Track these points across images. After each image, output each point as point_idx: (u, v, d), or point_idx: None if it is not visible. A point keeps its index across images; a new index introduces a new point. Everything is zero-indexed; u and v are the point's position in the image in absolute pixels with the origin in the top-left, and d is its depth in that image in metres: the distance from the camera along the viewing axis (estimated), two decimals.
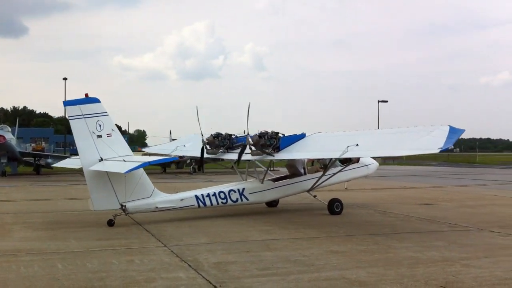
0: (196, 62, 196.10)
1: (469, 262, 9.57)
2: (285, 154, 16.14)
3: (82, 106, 14.11)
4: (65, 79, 66.54)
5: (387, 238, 12.13)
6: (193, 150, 18.68)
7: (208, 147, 17.40)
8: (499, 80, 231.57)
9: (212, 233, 12.97)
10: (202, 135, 17.48)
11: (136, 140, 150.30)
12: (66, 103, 14.54)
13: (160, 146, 24.61)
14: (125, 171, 13.21)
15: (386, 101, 73.71)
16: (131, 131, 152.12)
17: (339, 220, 15.31)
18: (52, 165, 38.27)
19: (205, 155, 17.53)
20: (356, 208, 18.23)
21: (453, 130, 13.25)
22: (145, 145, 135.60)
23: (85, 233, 13.00)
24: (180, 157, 18.65)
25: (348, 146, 14.25)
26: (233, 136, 17.43)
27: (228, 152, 17.24)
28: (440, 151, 12.62)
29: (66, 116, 14.32)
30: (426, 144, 13.20)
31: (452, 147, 15.75)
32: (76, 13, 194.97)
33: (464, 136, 15.83)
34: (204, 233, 12.97)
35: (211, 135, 17.39)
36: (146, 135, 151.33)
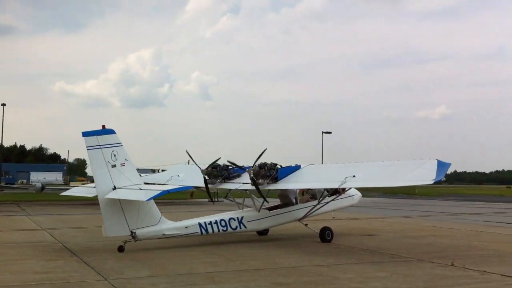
0: (141, 90, 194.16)
1: None
2: (284, 184, 17.12)
3: (99, 137, 14.89)
4: (3, 104, 64.67)
5: (331, 269, 12.22)
6: (189, 180, 19.12)
7: (207, 177, 18.03)
8: (437, 113, 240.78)
9: (155, 265, 12.70)
10: (199, 167, 18.30)
11: (76, 169, 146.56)
12: (85, 134, 15.05)
13: (152, 176, 25.06)
14: (146, 198, 14.33)
15: (330, 132, 75.07)
16: (71, 159, 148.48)
17: (284, 251, 15.33)
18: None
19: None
20: (301, 239, 18.31)
21: (440, 164, 14.37)
22: (85, 175, 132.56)
23: (22, 266, 12.47)
24: (195, 187, 18.80)
25: (346, 177, 15.35)
26: (229, 167, 18.31)
27: (225, 182, 18.18)
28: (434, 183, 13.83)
29: (85, 147, 15.13)
30: (419, 176, 14.38)
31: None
32: (18, 37, 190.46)
33: None
34: (147, 265, 12.68)
35: (210, 166, 18.19)
36: (86, 164, 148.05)
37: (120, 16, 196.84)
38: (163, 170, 53.11)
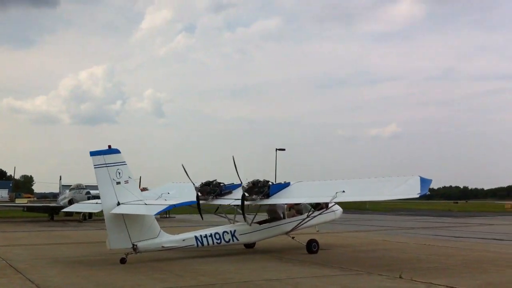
0: (92, 107, 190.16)
1: None
2: (276, 200, 18.31)
3: (106, 156, 15.83)
4: None
5: (282, 284, 12.22)
6: (180, 197, 19.50)
7: (199, 194, 18.86)
8: (387, 132, 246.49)
9: (102, 283, 12.40)
10: (193, 183, 19.04)
11: (22, 186, 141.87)
12: (92, 153, 15.96)
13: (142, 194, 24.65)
14: (155, 213, 15.53)
15: (284, 150, 75.49)
16: (17, 176, 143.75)
17: (236, 266, 15.24)
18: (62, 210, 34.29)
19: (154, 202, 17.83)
20: (254, 253, 18.27)
21: (423, 180, 15.74)
22: (32, 191, 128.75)
23: None
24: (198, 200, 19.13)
25: (336, 192, 16.56)
26: (221, 184, 19.31)
27: (217, 198, 19.12)
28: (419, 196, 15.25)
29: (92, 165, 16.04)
30: (405, 190, 15.77)
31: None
32: None
33: None
34: (94, 283, 12.39)
35: (202, 183, 19.14)
36: (33, 180, 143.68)
37: (73, 33, 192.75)
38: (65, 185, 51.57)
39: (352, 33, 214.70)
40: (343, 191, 16.65)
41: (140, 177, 62.13)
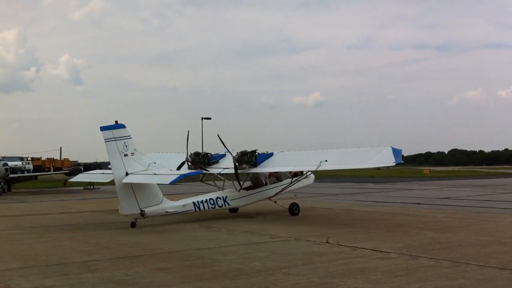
0: (5, 74, 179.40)
1: (288, 270, 9.99)
2: (263, 168, 20.30)
3: (114, 131, 17.17)
4: None
5: (212, 252, 12.23)
6: (169, 166, 20.47)
7: (189, 164, 20.99)
8: (311, 100, 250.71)
9: (26, 257, 11.94)
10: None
11: None
12: (102, 128, 17.27)
13: None
14: (169, 182, 16.99)
15: (210, 118, 75.12)
16: None
17: (165, 237, 15.12)
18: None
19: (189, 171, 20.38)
20: (182, 223, 18.16)
21: (394, 149, 17.79)
22: None
23: None
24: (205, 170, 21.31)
25: (320, 161, 18.50)
26: (208, 155, 21.51)
27: (206, 168, 21.07)
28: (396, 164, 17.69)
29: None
30: (382, 159, 17.79)
31: None
32: None
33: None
34: (17, 257, 11.90)
35: (192, 153, 21.26)
36: None
37: None
38: (32, 158, 50.18)
39: (273, 1, 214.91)
40: (326, 160, 18.56)
41: (61, 147, 60.12)
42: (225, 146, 20.94)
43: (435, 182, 53.46)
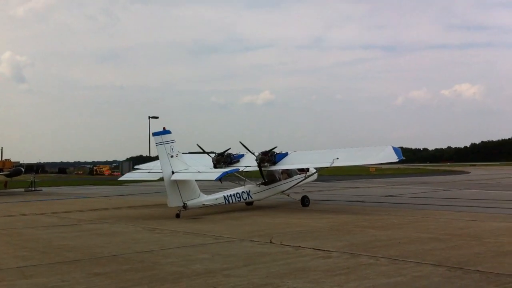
0: None
1: (230, 272, 9.90)
2: (282, 166, 23.16)
3: (163, 136, 20.30)
4: None
5: (153, 255, 12.00)
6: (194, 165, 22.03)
7: (214, 163, 23.86)
8: (261, 99, 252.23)
9: None
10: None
11: None
12: (154, 134, 20.65)
13: (153, 163, 27.65)
14: (215, 178, 21.33)
15: (157, 117, 74.26)
16: None
17: (105, 240, 14.75)
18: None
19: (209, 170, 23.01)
20: (125, 225, 17.81)
21: (395, 148, 20.83)
22: None
23: None
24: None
25: (333, 159, 21.17)
26: (231, 155, 24.28)
27: (228, 166, 23.66)
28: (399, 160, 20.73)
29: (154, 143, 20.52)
30: (386, 156, 20.75)
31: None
32: None
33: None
34: None
35: (217, 154, 24.21)
36: None
37: None
38: None
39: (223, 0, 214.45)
40: (337, 158, 21.23)
41: (2, 148, 58.10)
42: (247, 149, 24.01)
43: (380, 180, 54.53)
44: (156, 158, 22.85)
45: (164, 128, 20.54)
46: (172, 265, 10.69)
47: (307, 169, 25.08)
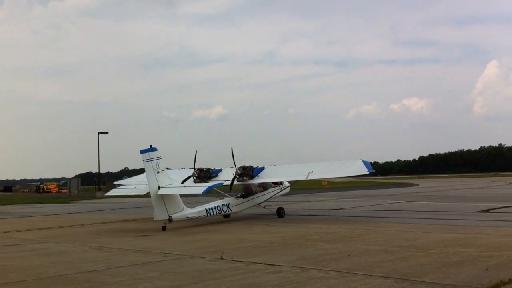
0: None
1: None
2: (259, 179, 24.33)
3: (150, 153, 21.40)
4: None
5: (100, 274, 11.69)
6: (175, 180, 23.37)
7: (195, 178, 24.87)
8: (214, 113, 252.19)
9: None
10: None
11: None
12: (142, 151, 21.49)
13: (133, 179, 29.34)
14: (201, 192, 22.44)
15: (107, 133, 73.12)
16: None
17: (52, 259, 14.27)
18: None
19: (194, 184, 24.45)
20: (72, 245, 17.33)
21: (364, 162, 22.39)
22: None
23: None
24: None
25: (308, 172, 22.52)
26: (210, 170, 25.35)
27: (208, 181, 24.58)
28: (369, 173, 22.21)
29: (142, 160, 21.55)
30: (358, 169, 22.23)
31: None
32: None
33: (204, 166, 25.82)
34: None
35: (197, 169, 25.03)
36: None
37: None
38: None
39: (175, 14, 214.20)
40: (312, 172, 22.55)
41: None
42: (234, 163, 24.68)
43: (331, 193, 55.16)
44: (106, 174, 23.89)
45: (150, 146, 21.64)
46: (120, 284, 10.45)
47: (281, 182, 26.60)
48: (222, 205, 24.04)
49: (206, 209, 22.89)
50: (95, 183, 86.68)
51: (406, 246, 14.30)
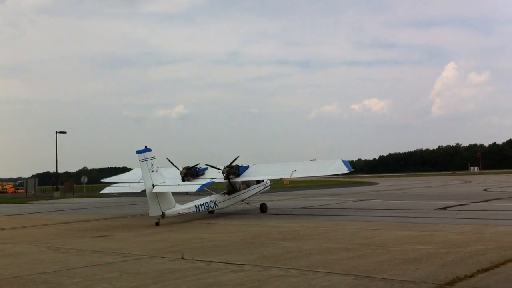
0: None
1: None
2: (245, 178, 25.92)
3: (145, 153, 22.66)
4: None
5: (57, 275, 11.43)
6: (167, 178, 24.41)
7: (182, 176, 26.31)
8: (175, 113, 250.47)
9: None
10: (178, 169, 26.83)
11: None
12: (138, 152, 22.72)
13: (120, 176, 31.38)
14: (196, 190, 23.81)
15: (65, 132, 71.79)
16: None
17: (6, 261, 13.89)
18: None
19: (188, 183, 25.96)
20: (28, 246, 16.90)
21: (344, 161, 24.02)
22: None
23: None
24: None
25: (292, 171, 23.97)
26: (197, 168, 26.84)
27: (195, 179, 26.33)
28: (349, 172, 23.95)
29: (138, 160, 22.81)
30: (338, 168, 23.99)
31: None
32: None
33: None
34: None
35: (184, 168, 26.66)
36: None
37: None
38: None
39: (136, 12, 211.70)
40: (295, 170, 23.89)
41: None
42: (231, 162, 26.05)
43: (294, 192, 55.42)
44: (64, 174, 23.92)
45: (145, 147, 22.90)
46: (77, 286, 10.24)
47: (262, 180, 28.01)
48: (210, 201, 25.33)
49: (195, 205, 24.24)
50: (53, 183, 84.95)
51: (365, 243, 14.45)
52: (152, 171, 22.51)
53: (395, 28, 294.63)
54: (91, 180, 79.61)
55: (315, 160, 26.95)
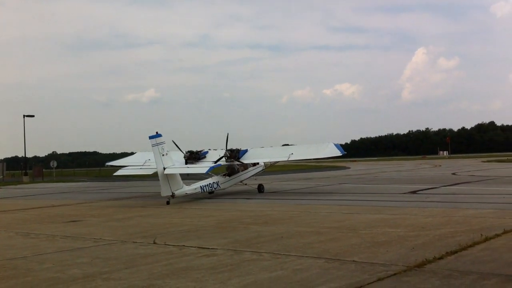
0: None
1: (109, 275, 9.52)
2: (244, 160, 28.17)
3: (156, 139, 24.55)
4: None
5: (27, 261, 11.29)
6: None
7: (186, 159, 28.14)
8: (146, 97, 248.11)
9: None
10: (183, 152, 28.89)
11: None
12: (150, 137, 24.64)
13: (126, 160, 33.67)
14: (205, 171, 26.29)
15: (33, 116, 70.53)
16: None
17: None
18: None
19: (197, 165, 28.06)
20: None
21: (336, 145, 26.21)
22: None
23: None
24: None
25: (289, 154, 26.30)
26: (199, 152, 28.83)
27: (198, 162, 28.27)
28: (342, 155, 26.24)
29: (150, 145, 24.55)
30: (331, 151, 26.23)
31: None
32: None
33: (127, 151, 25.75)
34: None
35: (187, 151, 28.64)
36: None
37: None
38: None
39: None
40: (292, 153, 26.22)
41: None
42: (226, 146, 28.23)
43: (265, 177, 55.47)
44: (33, 159, 23.68)
45: (156, 132, 24.81)
46: (48, 271, 10.11)
47: (258, 163, 30.08)
48: (213, 182, 27.43)
49: (200, 186, 26.32)
50: (22, 168, 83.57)
51: (336, 227, 14.60)
52: (163, 155, 24.39)
53: (365, 13, 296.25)
54: (60, 165, 78.61)
55: (309, 144, 28.97)
